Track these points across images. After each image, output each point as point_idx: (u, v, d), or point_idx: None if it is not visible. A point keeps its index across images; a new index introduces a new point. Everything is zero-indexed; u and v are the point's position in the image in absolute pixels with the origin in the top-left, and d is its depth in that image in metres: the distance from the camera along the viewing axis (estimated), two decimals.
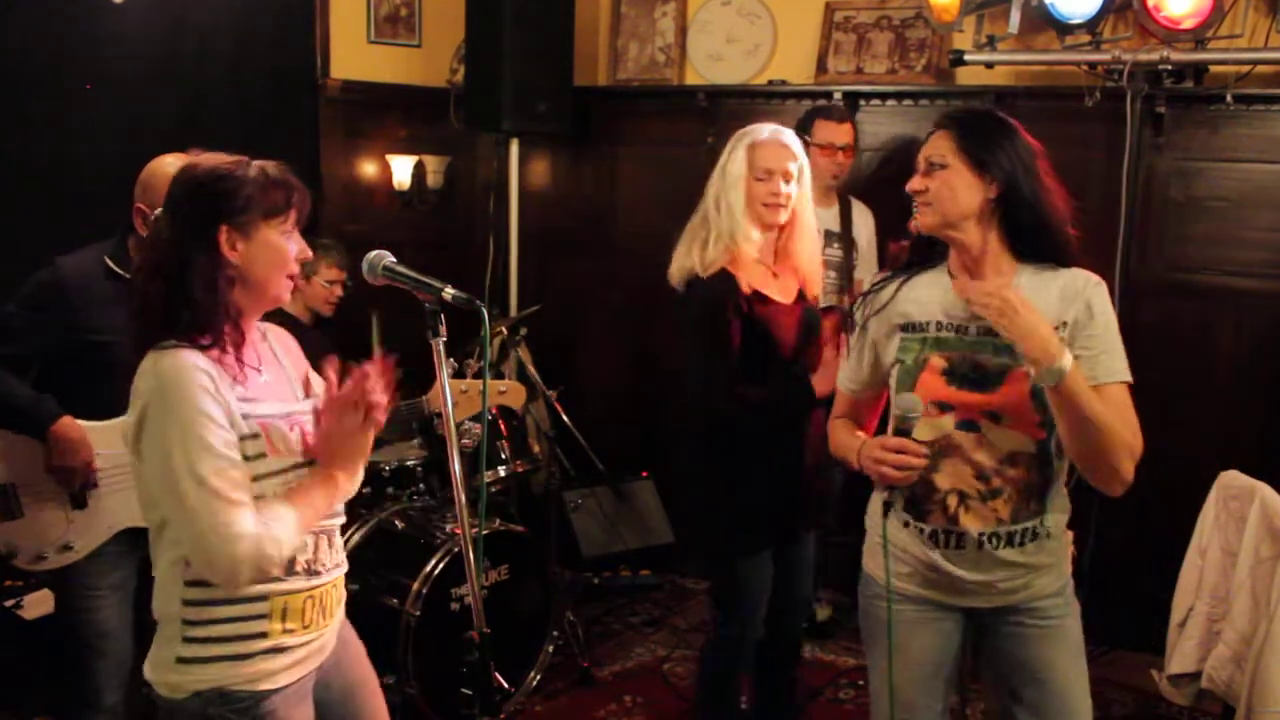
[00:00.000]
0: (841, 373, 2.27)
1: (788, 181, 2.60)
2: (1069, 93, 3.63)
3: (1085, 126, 3.70)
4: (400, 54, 4.65)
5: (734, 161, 2.62)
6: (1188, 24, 3.25)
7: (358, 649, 2.07)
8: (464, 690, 1.85)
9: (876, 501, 2.18)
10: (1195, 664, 2.85)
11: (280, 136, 4.21)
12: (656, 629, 4.13)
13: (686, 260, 2.67)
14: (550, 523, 3.98)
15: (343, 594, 1.97)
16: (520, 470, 3.65)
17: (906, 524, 2.10)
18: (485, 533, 3.25)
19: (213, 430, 1.66)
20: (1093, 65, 3.52)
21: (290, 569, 1.78)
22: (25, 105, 3.48)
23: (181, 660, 1.76)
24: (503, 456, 3.57)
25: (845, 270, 3.76)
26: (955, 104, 4.05)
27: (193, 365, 1.69)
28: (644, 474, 4.58)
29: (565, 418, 4.05)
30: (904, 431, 1.98)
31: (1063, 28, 3.48)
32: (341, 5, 4.41)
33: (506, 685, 3.37)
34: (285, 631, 1.79)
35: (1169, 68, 3.37)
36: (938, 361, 2.03)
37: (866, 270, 3.74)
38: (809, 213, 2.70)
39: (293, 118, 4.30)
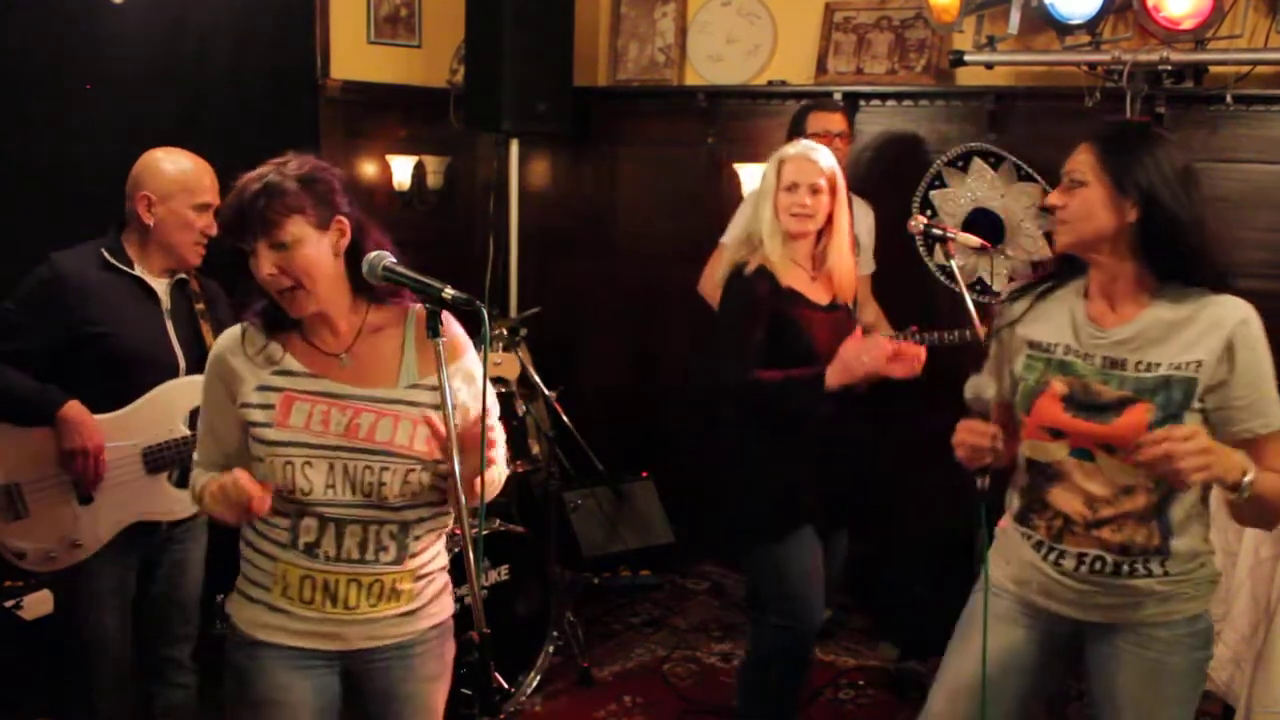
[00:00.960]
0: (983, 382, 2.21)
1: (814, 194, 2.74)
2: (1069, 93, 3.62)
3: (1085, 127, 3.67)
4: (400, 54, 4.65)
5: (767, 175, 2.81)
6: (1187, 24, 3.25)
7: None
8: (464, 690, 1.86)
9: (1007, 516, 2.14)
10: (1206, 673, 2.85)
11: (280, 136, 4.14)
12: (656, 629, 4.13)
13: (731, 256, 2.86)
14: (550, 523, 3.98)
15: (393, 606, 1.95)
16: (520, 470, 3.65)
17: (1019, 529, 2.07)
18: (485, 533, 3.25)
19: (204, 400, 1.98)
20: (1093, 66, 3.52)
21: (292, 543, 1.88)
22: (25, 105, 3.48)
23: (234, 586, 1.99)
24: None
25: None
26: (950, 104, 4.05)
27: (215, 351, 1.96)
28: (644, 474, 4.58)
29: (565, 418, 4.05)
30: (980, 415, 1.97)
31: (1062, 28, 3.48)
32: (341, 5, 4.41)
33: (506, 685, 3.37)
34: (285, 597, 1.91)
35: (1169, 68, 3.37)
36: (1059, 386, 1.97)
37: (867, 266, 3.75)
38: (844, 222, 2.83)
39: (293, 118, 4.30)
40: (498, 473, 2.00)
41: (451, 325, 1.97)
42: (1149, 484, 1.91)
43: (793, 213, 2.74)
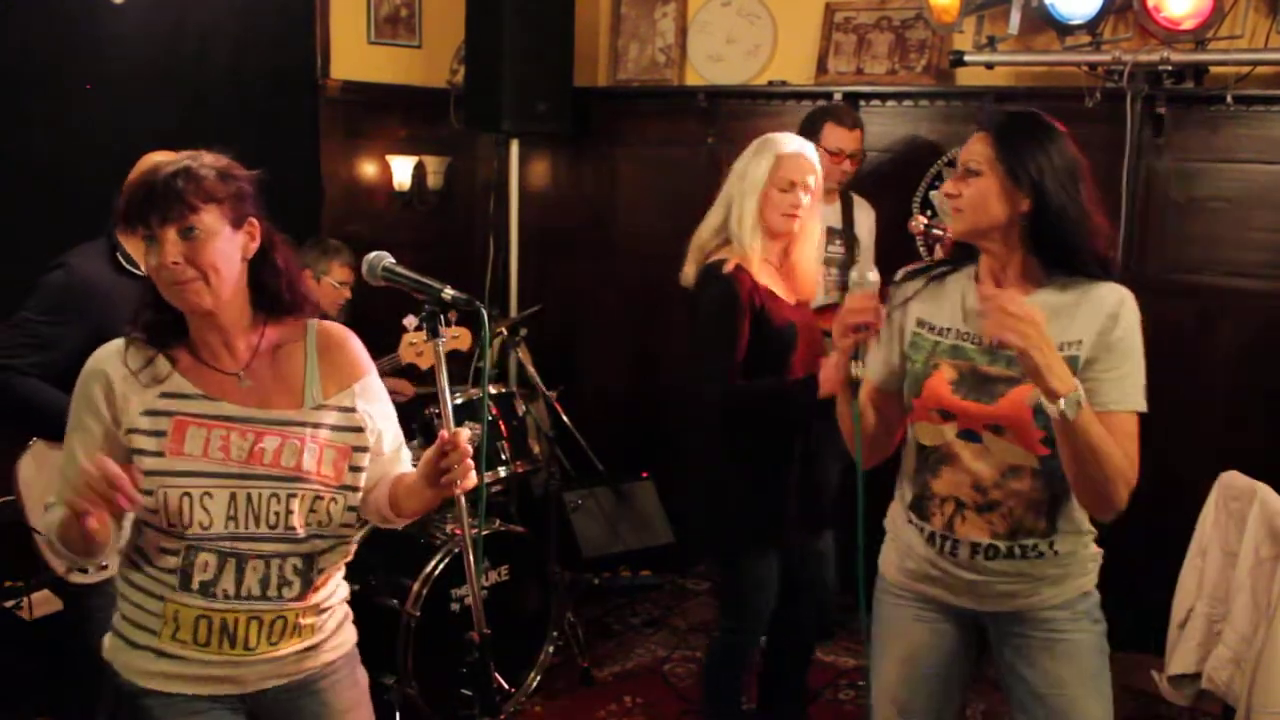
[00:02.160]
0: (871, 362, 2.19)
1: (806, 193, 2.68)
2: (1069, 93, 3.62)
3: (1085, 127, 3.64)
4: (400, 54, 4.65)
5: (756, 168, 2.67)
6: (1188, 25, 3.25)
7: None
8: (464, 691, 1.85)
9: (896, 506, 2.16)
10: (1195, 664, 2.85)
11: (280, 137, 4.20)
12: (656, 629, 4.13)
13: (700, 256, 2.75)
14: (550, 523, 3.97)
15: (295, 642, 1.80)
16: (520, 471, 3.65)
17: (910, 521, 2.09)
18: (485, 533, 3.25)
19: (70, 427, 1.76)
20: (1093, 66, 3.52)
21: (184, 583, 1.72)
22: (25, 105, 3.48)
23: (112, 629, 1.83)
24: (503, 457, 3.57)
25: (847, 267, 3.76)
26: (950, 104, 4.05)
27: (92, 366, 1.76)
28: (644, 474, 4.57)
29: (565, 418, 4.05)
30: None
31: (1063, 28, 3.48)
32: (341, 6, 4.41)
33: (506, 686, 3.37)
34: (175, 640, 1.74)
35: (1169, 68, 3.37)
36: (948, 369, 2.00)
37: (867, 266, 3.74)
38: (815, 221, 2.78)
39: (293, 118, 4.30)
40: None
41: (348, 340, 1.88)
42: (1034, 465, 1.95)
43: (785, 212, 2.66)
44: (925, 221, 3.10)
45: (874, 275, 2.01)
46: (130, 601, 1.78)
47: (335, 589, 1.89)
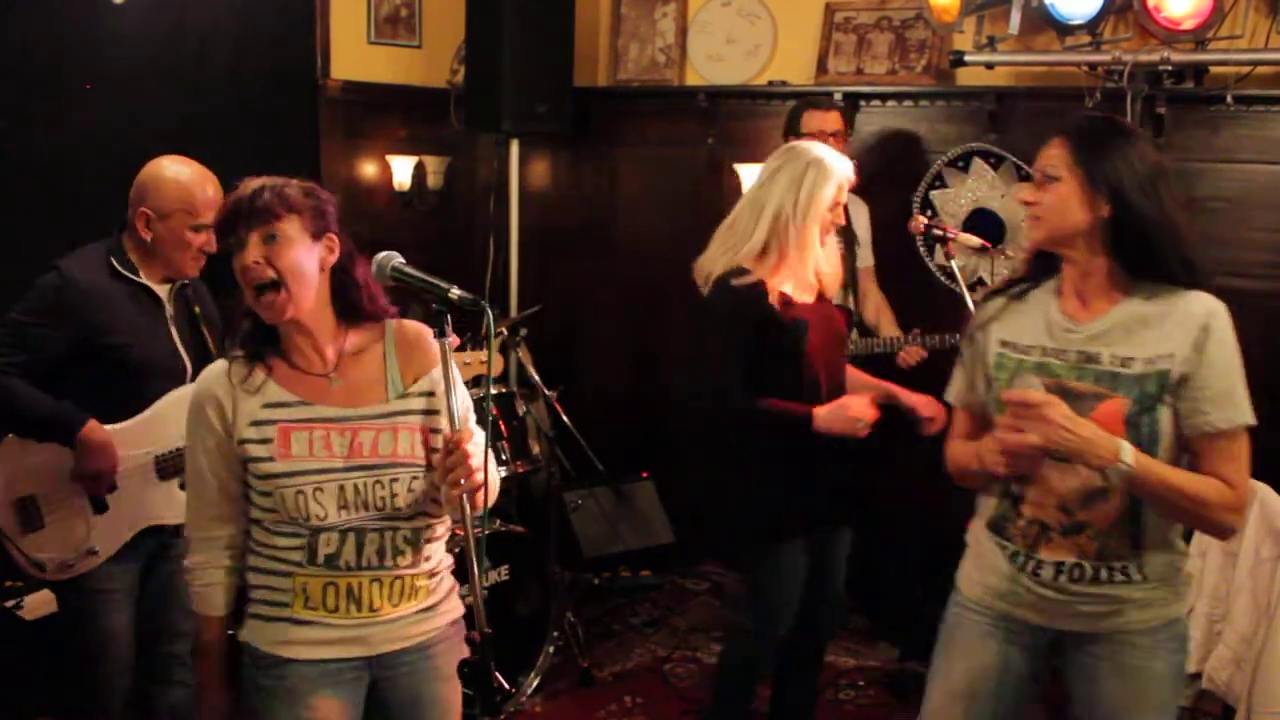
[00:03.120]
0: (952, 388, 2.20)
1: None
2: (1069, 94, 3.63)
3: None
4: (400, 54, 4.65)
5: (822, 189, 2.68)
6: (1188, 25, 3.25)
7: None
8: (464, 690, 1.86)
9: (979, 522, 2.12)
10: (1195, 664, 2.85)
11: (280, 137, 4.20)
12: (656, 629, 4.13)
13: (717, 266, 2.74)
14: (550, 523, 3.98)
15: (412, 604, 1.97)
16: (520, 471, 3.65)
17: (993, 540, 2.05)
18: (485, 533, 3.25)
19: (192, 449, 1.95)
20: (1093, 66, 3.52)
21: (310, 558, 1.88)
22: (25, 105, 3.48)
23: (245, 612, 1.98)
24: (503, 457, 3.57)
25: (848, 265, 3.77)
26: (950, 104, 4.05)
27: (202, 389, 1.94)
28: (644, 474, 4.58)
29: (565, 418, 4.05)
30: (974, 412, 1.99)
31: (1063, 28, 3.48)
32: (341, 6, 4.41)
33: (507, 685, 3.37)
34: (307, 609, 1.90)
35: (1169, 68, 3.37)
36: (1035, 387, 1.94)
37: (866, 259, 3.76)
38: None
39: (293, 118, 4.30)
40: (494, 476, 1.99)
41: (423, 334, 1.99)
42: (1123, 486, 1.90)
43: (828, 228, 2.73)
44: (925, 221, 3.11)
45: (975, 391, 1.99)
46: (261, 586, 1.94)
47: (442, 557, 2.06)
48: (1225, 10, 3.31)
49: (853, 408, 2.63)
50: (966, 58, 3.67)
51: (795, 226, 2.67)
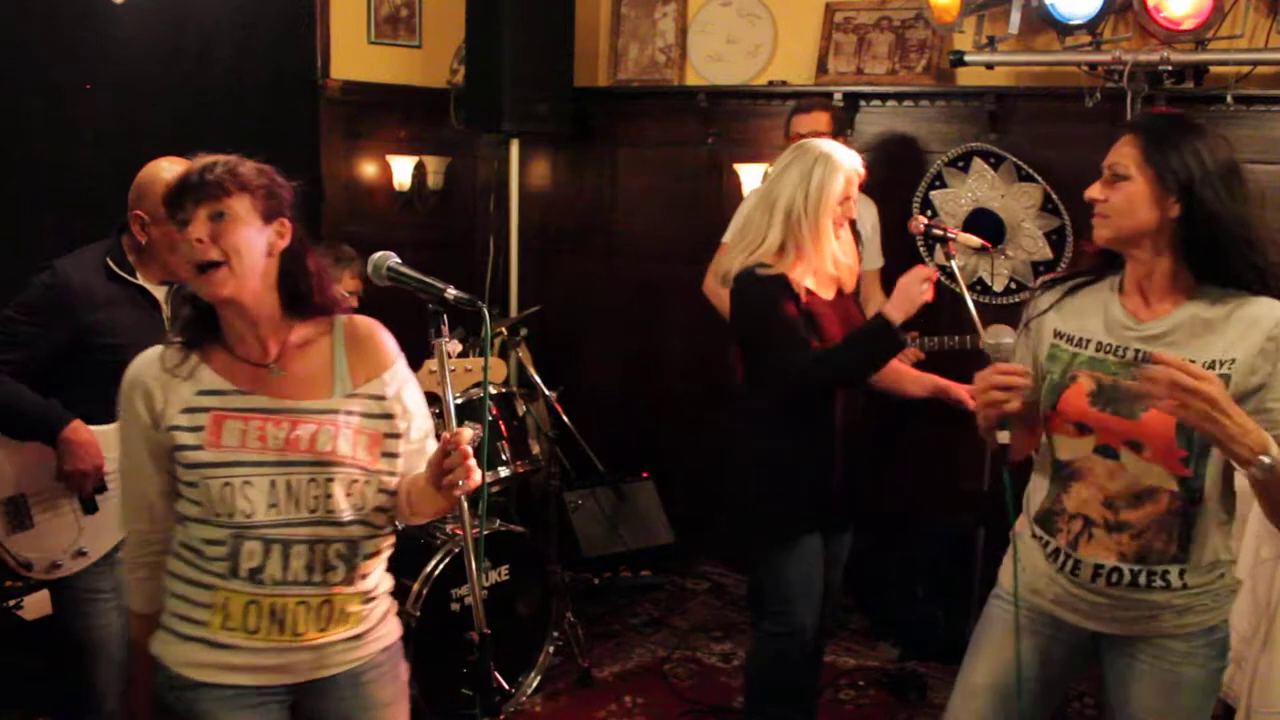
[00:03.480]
0: (1005, 332, 2.14)
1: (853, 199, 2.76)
2: (1069, 93, 3.62)
3: (1085, 127, 3.69)
4: (400, 54, 4.65)
5: (832, 182, 2.68)
6: (1188, 25, 3.25)
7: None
8: (464, 690, 1.85)
9: (1024, 517, 2.10)
10: (1221, 683, 2.84)
11: (280, 137, 4.20)
12: (656, 629, 4.13)
13: (735, 266, 2.74)
14: (550, 523, 3.98)
15: (341, 630, 1.85)
16: (520, 471, 3.65)
17: (1035, 535, 2.04)
18: (485, 533, 3.25)
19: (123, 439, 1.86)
20: (1093, 66, 3.52)
21: (233, 570, 1.77)
22: (25, 105, 3.48)
23: (160, 624, 1.86)
24: (503, 457, 3.57)
25: None
26: (951, 104, 4.05)
27: (131, 377, 1.84)
28: (644, 474, 4.58)
29: (565, 418, 4.05)
30: (1001, 360, 1.93)
31: (1063, 28, 3.48)
32: (341, 6, 4.41)
33: (506, 685, 3.37)
34: (225, 629, 1.78)
35: (1169, 68, 3.37)
36: (1086, 381, 1.93)
37: (873, 261, 3.75)
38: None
39: (293, 118, 4.30)
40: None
41: (375, 331, 1.92)
42: (1172, 488, 1.88)
43: (840, 221, 2.73)
44: (925, 221, 3.10)
45: (1009, 339, 1.94)
46: (178, 596, 1.82)
47: (379, 580, 1.94)
48: (1225, 10, 3.30)
49: (909, 280, 2.57)
50: (966, 58, 3.67)
51: (808, 221, 2.68)
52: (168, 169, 2.50)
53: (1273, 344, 1.82)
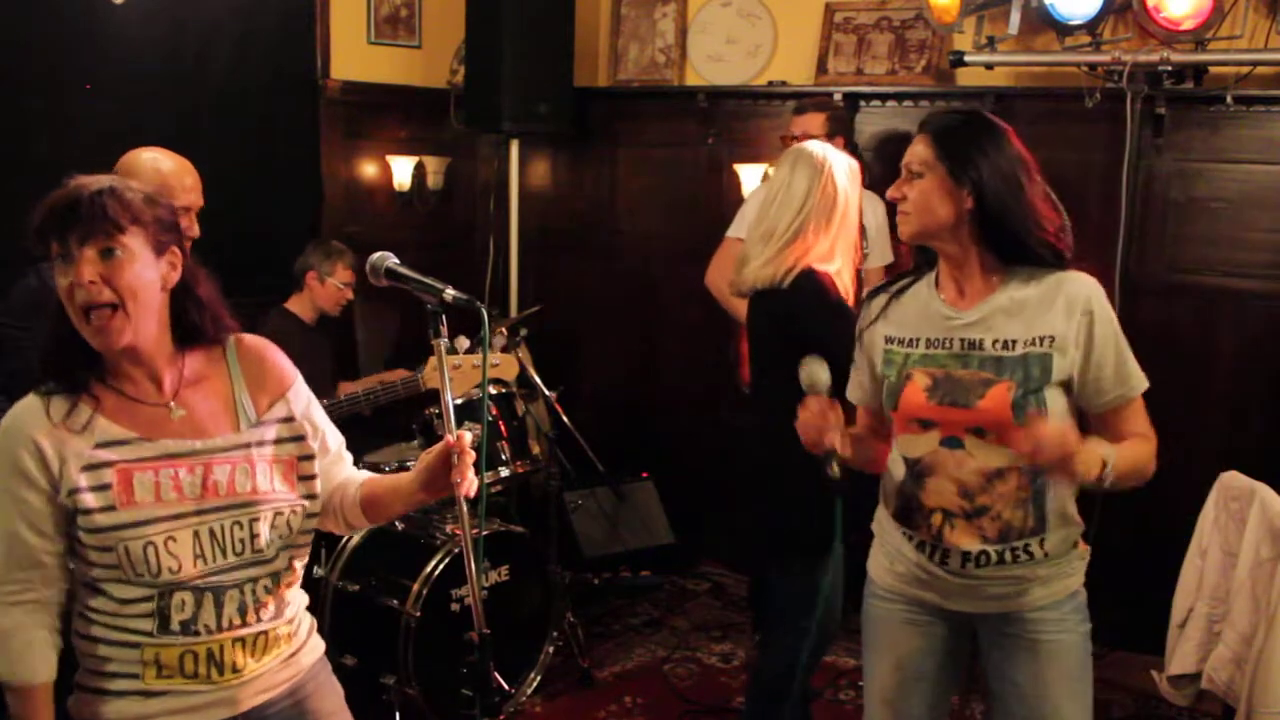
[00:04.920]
0: (850, 387, 2.24)
1: None
2: (1069, 94, 3.63)
3: (1085, 127, 3.70)
4: (400, 54, 4.65)
5: (853, 197, 2.70)
6: (1188, 25, 3.26)
7: None
8: (464, 691, 1.85)
9: (883, 511, 2.16)
10: (1195, 664, 2.85)
11: (280, 137, 4.20)
12: (657, 630, 4.13)
13: (767, 272, 2.68)
14: (550, 523, 3.98)
15: (275, 653, 1.77)
16: (520, 471, 3.65)
17: (900, 530, 2.09)
18: (485, 533, 3.25)
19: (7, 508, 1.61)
20: (1093, 66, 3.52)
21: (163, 626, 1.65)
22: (25, 105, 3.48)
23: (75, 683, 1.72)
24: (503, 457, 3.57)
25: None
26: (950, 104, 4.05)
27: (12, 429, 1.63)
28: (644, 474, 4.58)
29: (565, 418, 4.05)
30: (815, 394, 2.03)
31: (1063, 29, 3.48)
32: (341, 6, 4.41)
33: (506, 686, 3.37)
34: (161, 679, 1.67)
35: (1169, 69, 3.37)
36: (921, 379, 2.00)
37: (878, 258, 3.75)
38: None
39: (293, 118, 4.30)
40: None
41: (268, 353, 1.83)
42: (1019, 464, 1.94)
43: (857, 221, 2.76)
44: None
45: (824, 375, 2.04)
46: (100, 656, 1.67)
47: (297, 596, 1.86)
48: (1225, 10, 3.31)
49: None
50: (966, 58, 3.67)
51: (843, 236, 2.70)
52: (143, 157, 2.47)
53: (1087, 318, 1.93)
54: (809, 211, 2.69)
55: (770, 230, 2.72)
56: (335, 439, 1.90)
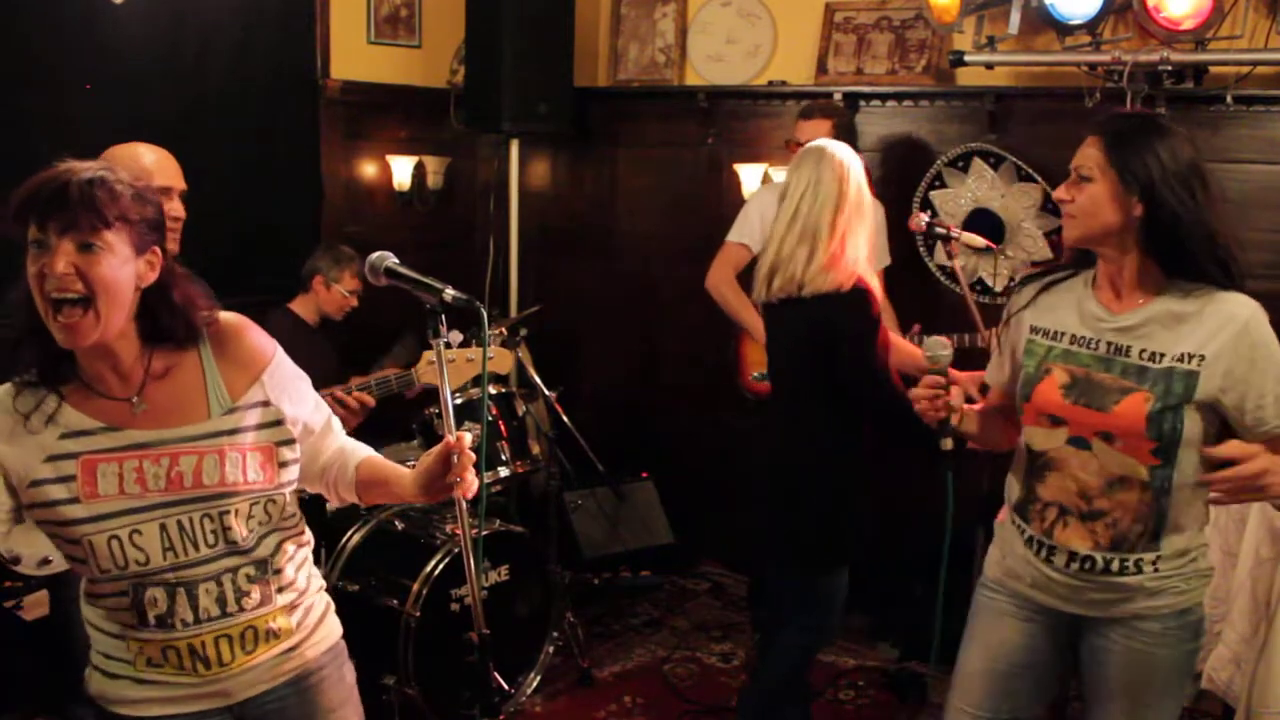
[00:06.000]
0: (990, 367, 2.25)
1: None
2: (1069, 94, 3.62)
3: (1085, 127, 3.68)
4: (400, 54, 4.65)
5: (865, 195, 2.73)
6: (1188, 25, 3.25)
7: None
8: (464, 691, 1.85)
9: (1005, 510, 2.17)
10: (1195, 664, 2.85)
11: (280, 137, 4.20)
12: (656, 629, 4.13)
13: (811, 267, 2.67)
14: (550, 523, 3.98)
15: (271, 647, 1.75)
16: (520, 471, 3.65)
17: (1013, 521, 2.10)
18: (485, 533, 3.25)
19: None
20: (1093, 66, 3.51)
21: (140, 620, 1.65)
22: (25, 105, 3.48)
23: (89, 660, 1.76)
24: (503, 457, 3.57)
25: None
26: (950, 104, 4.05)
27: None
28: (644, 474, 4.58)
29: (565, 418, 4.05)
30: (937, 373, 2.04)
31: (1063, 28, 3.48)
32: (341, 5, 4.41)
33: (506, 685, 3.37)
34: (150, 668, 1.68)
35: (1169, 68, 3.37)
36: (1060, 374, 1.99)
37: (879, 260, 3.75)
38: None
39: (293, 118, 4.29)
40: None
41: (244, 330, 1.76)
42: (1143, 477, 1.92)
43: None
44: (927, 220, 3.10)
45: (946, 351, 2.05)
46: (101, 633, 1.71)
47: (306, 583, 1.81)
48: (1225, 10, 3.30)
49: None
50: (966, 58, 3.66)
51: (865, 242, 2.71)
52: (121, 150, 2.47)
53: (1249, 345, 1.87)
54: (849, 208, 2.69)
55: (812, 229, 2.65)
56: (317, 414, 1.86)
